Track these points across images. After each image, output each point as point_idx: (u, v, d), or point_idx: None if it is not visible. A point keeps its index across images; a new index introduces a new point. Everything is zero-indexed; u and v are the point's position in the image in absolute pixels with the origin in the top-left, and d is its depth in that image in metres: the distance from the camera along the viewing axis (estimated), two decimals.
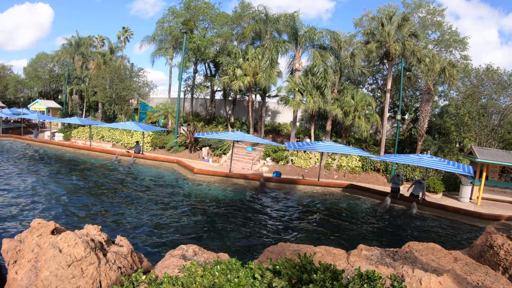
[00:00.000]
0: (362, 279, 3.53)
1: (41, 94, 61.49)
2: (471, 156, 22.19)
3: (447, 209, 17.84)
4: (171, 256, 5.62)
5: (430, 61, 26.40)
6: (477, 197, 21.59)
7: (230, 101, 41.66)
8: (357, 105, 26.05)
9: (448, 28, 34.94)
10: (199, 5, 37.68)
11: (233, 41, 38.53)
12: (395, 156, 20.60)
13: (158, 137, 32.28)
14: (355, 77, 36.81)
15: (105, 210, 13.87)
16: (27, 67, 60.53)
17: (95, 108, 47.67)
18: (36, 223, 5.72)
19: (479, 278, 4.63)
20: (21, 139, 33.94)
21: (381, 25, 27.33)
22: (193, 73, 42.60)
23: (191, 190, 19.07)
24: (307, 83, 27.64)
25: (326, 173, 25.57)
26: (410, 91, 37.29)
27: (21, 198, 14.59)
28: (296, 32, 30.65)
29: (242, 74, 31.52)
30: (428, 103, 27.55)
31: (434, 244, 6.14)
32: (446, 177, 24.16)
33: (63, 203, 14.33)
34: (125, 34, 62.02)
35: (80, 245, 4.71)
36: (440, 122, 33.14)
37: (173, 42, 38.81)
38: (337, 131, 33.50)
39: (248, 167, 26.48)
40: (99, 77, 40.17)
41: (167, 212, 14.39)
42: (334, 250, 5.72)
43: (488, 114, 27.98)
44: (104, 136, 34.18)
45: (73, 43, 49.66)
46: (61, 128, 39.73)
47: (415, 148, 28.86)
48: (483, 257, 6.04)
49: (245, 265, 3.80)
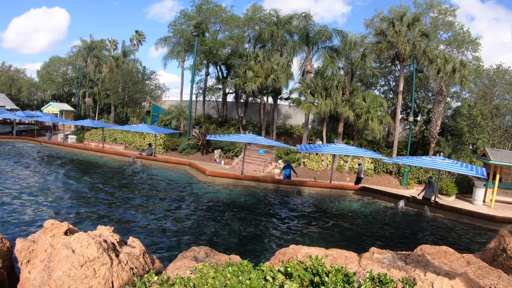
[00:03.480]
0: (374, 282, 3.52)
1: (55, 97, 62.31)
2: (484, 158, 21.90)
3: (460, 212, 17.64)
4: (183, 258, 5.65)
5: (441, 61, 26.16)
6: (491, 199, 21.30)
7: (242, 103, 41.74)
8: (369, 107, 25.91)
9: (460, 28, 34.62)
10: (211, 7, 37.88)
11: (245, 44, 38.65)
12: (407, 158, 20.44)
13: (170, 140, 32.44)
14: (366, 79, 36.65)
15: (118, 212, 13.99)
16: (40, 70, 61.46)
17: (107, 110, 48.13)
18: (49, 223, 5.80)
19: (492, 282, 4.57)
20: (35, 141, 34.39)
21: (391, 25, 27.16)
22: (205, 76, 42.81)
23: (203, 192, 19.13)
24: (318, 85, 27.56)
25: (338, 176, 25.46)
26: (422, 93, 37.02)
27: (34, 199, 14.79)
28: (308, 33, 30.59)
29: (253, 76, 31.56)
30: (441, 104, 27.29)
31: (446, 247, 6.08)
32: (459, 179, 23.88)
33: (76, 205, 14.50)
34: (138, 37, 62.67)
35: (93, 246, 4.77)
36: (452, 124, 32.80)
37: (185, 45, 39.08)
38: (349, 133, 33.35)
39: (260, 170, 26.48)
40: (112, 80, 40.55)
41: (179, 214, 14.47)
42: (346, 253, 5.70)
43: (501, 115, 27.65)
44: (116, 139, 34.46)
45: (86, 46, 50.26)
46: (74, 131, 40.14)
47: (427, 150, 28.59)
48: (496, 261, 5.96)
49: (256, 267, 3.81)
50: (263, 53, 32.78)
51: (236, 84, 34.19)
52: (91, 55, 49.04)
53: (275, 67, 31.05)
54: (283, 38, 33.68)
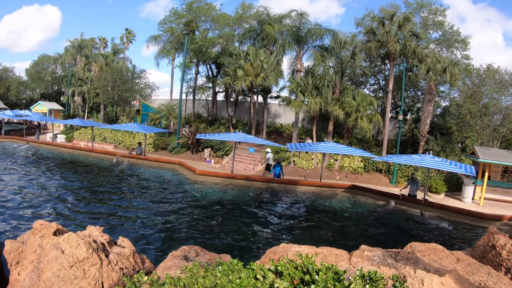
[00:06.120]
0: (364, 280, 3.53)
1: (43, 96, 61.64)
2: (473, 156, 22.14)
3: (449, 209, 17.80)
4: (173, 257, 5.63)
5: (431, 61, 26.35)
6: (480, 197, 21.54)
7: (232, 102, 41.68)
8: (359, 106, 26.05)
9: (450, 28, 34.91)
10: (201, 6, 37.74)
11: (235, 42, 38.59)
12: (397, 157, 20.58)
13: (160, 139, 32.29)
14: (356, 78, 36.79)
15: (107, 212, 13.88)
16: (29, 68, 60.76)
17: (97, 109, 47.75)
18: (38, 224, 5.74)
19: (482, 278, 4.62)
20: (23, 141, 34.01)
21: (381, 24, 27.28)
22: (195, 75, 42.70)
23: (193, 191, 19.06)
24: (308, 84, 27.59)
25: (328, 174, 25.54)
26: (412, 91, 37.29)
27: (23, 199, 14.62)
28: (298, 32, 30.59)
29: (243, 74, 31.51)
30: (430, 103, 27.49)
31: (436, 244, 6.13)
32: (449, 177, 24.10)
33: (65, 205, 14.36)
34: (128, 35, 62.16)
35: (82, 246, 4.72)
36: (442, 122, 33.09)
37: (175, 43, 38.90)
38: (339, 131, 33.44)
39: (250, 168, 26.46)
40: (101, 78, 40.21)
41: (169, 213, 14.39)
42: (336, 251, 5.72)
43: (490, 114, 27.93)
44: (106, 138, 34.21)
45: (76, 45, 49.79)
46: (63, 130, 39.79)
47: (417, 149, 28.79)
48: (486, 258, 6.02)
49: (247, 266, 3.80)
50: (253, 52, 32.72)
51: (226, 82, 34.11)
52: (81, 54, 48.58)
53: (265, 65, 31.04)
54: (273, 36, 33.62)
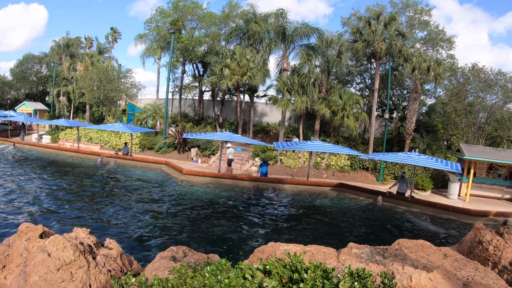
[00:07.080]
0: (353, 277, 3.54)
1: (28, 96, 60.60)
2: (459, 154, 22.44)
3: (435, 206, 18.03)
4: (161, 258, 5.59)
5: (417, 60, 26.61)
6: (466, 193, 21.85)
7: (218, 101, 41.61)
8: (345, 104, 26.21)
9: (435, 27, 35.29)
10: (187, 4, 37.56)
11: (221, 41, 38.50)
12: (383, 155, 20.76)
13: (147, 139, 32.06)
14: (343, 77, 36.96)
15: (94, 213, 13.72)
16: (14, 68, 59.77)
17: (82, 109, 47.16)
18: (24, 227, 5.64)
19: (469, 273, 4.67)
20: (8, 142, 33.46)
21: (368, 24, 27.46)
22: (181, 74, 42.51)
23: (180, 191, 18.97)
24: (294, 83, 27.64)
25: (315, 173, 25.64)
26: (398, 90, 37.61)
27: (7, 201, 14.38)
28: (284, 31, 30.58)
29: (230, 73, 31.46)
30: (416, 101, 27.75)
31: (423, 241, 6.18)
32: (435, 174, 24.39)
33: (51, 207, 14.15)
34: (114, 34, 61.52)
35: (69, 249, 4.66)
36: (427, 120, 33.47)
37: (161, 42, 38.67)
38: (325, 130, 33.58)
39: (237, 167, 26.43)
40: (87, 78, 39.73)
41: (156, 214, 14.30)
42: (324, 249, 5.73)
43: (475, 112, 28.31)
44: (92, 138, 33.82)
45: (61, 44, 49.13)
46: (49, 130, 39.20)
47: (403, 147, 29.06)
48: (473, 253, 6.11)
49: (235, 266, 3.79)
50: (240, 50, 32.66)
51: (212, 82, 34.01)
52: (66, 53, 47.94)
53: (252, 64, 31.01)
54: (260, 35, 33.58)
